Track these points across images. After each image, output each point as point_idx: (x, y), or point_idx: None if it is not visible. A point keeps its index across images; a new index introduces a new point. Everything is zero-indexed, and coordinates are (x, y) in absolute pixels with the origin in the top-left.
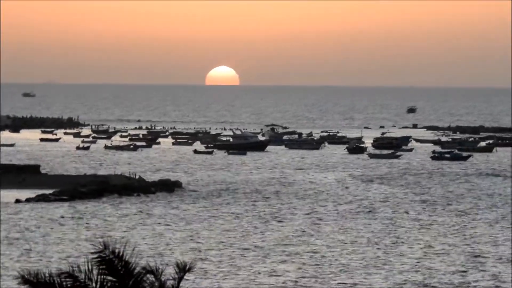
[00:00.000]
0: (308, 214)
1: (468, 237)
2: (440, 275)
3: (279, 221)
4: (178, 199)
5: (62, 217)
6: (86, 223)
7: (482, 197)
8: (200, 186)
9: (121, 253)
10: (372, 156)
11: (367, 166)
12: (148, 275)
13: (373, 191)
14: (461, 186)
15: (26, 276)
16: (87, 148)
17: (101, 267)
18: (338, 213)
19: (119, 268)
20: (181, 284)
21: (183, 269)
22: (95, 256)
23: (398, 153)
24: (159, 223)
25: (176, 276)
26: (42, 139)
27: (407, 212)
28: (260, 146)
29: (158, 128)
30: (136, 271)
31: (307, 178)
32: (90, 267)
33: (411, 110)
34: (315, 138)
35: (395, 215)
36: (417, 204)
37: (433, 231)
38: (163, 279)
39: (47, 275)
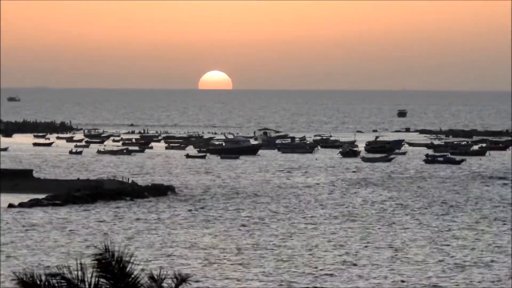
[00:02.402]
0: (299, 218)
1: (460, 240)
2: (429, 279)
3: (269, 225)
4: (171, 203)
5: (55, 221)
6: (79, 228)
7: (475, 200)
8: (193, 191)
9: (120, 257)
10: (365, 159)
11: (360, 170)
12: (152, 283)
13: (366, 195)
14: (454, 190)
15: (22, 278)
16: (80, 152)
17: (98, 269)
18: (328, 216)
19: (116, 272)
20: None
21: (180, 279)
22: (95, 257)
23: (391, 157)
24: (152, 228)
25: (173, 285)
26: (35, 144)
27: (400, 215)
28: (252, 150)
29: (151, 132)
30: (132, 276)
31: (299, 182)
32: (84, 269)
33: (402, 114)
34: (308, 142)
35: (387, 219)
36: (410, 208)
37: (425, 234)
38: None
39: (42, 277)
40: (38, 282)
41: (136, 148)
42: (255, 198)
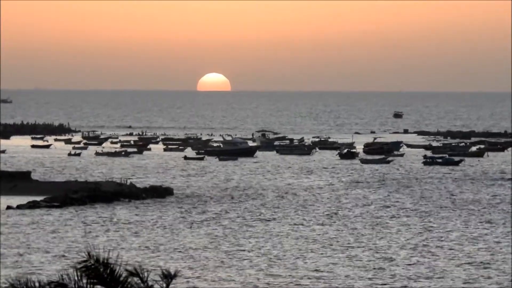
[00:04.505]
0: (295, 219)
1: (460, 240)
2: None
3: (264, 227)
4: (169, 205)
5: (53, 223)
6: (77, 230)
7: (473, 202)
8: (191, 192)
9: (106, 261)
10: (363, 161)
11: (358, 172)
12: (135, 279)
13: (364, 197)
14: (452, 191)
15: (15, 284)
16: (78, 154)
17: (87, 275)
18: (325, 217)
19: (105, 275)
20: None
21: (168, 276)
22: (80, 265)
23: (390, 158)
24: (150, 229)
25: (164, 285)
26: (33, 146)
27: (397, 217)
28: (249, 152)
29: (149, 134)
30: (122, 277)
31: (297, 184)
32: (79, 275)
33: (398, 115)
34: (306, 144)
35: (385, 221)
36: (408, 209)
37: (422, 236)
38: (150, 283)
39: (36, 283)
40: None
41: (134, 150)
42: (252, 200)
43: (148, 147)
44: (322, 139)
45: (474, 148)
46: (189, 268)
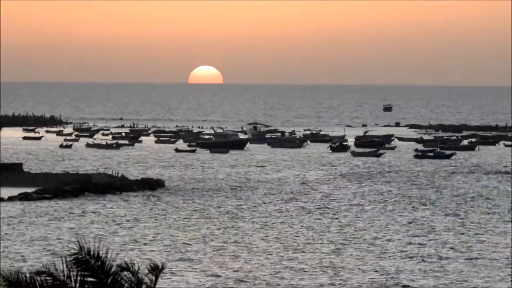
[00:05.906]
0: (284, 212)
1: (448, 234)
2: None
3: (253, 220)
4: (160, 197)
5: (44, 215)
6: (69, 222)
7: (463, 195)
8: (182, 185)
9: (97, 253)
10: (355, 154)
11: (350, 165)
12: (125, 273)
13: (355, 189)
14: (443, 184)
15: (7, 276)
16: (70, 146)
17: (79, 268)
18: (314, 210)
19: (96, 268)
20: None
21: (156, 269)
22: (71, 257)
23: (381, 152)
24: (141, 222)
25: (153, 277)
26: (24, 137)
27: (388, 210)
28: (239, 145)
29: (141, 126)
30: (113, 269)
31: (288, 176)
32: (69, 266)
33: (387, 109)
34: (298, 137)
35: (376, 213)
36: (398, 202)
37: (412, 229)
38: (140, 276)
39: (27, 274)
40: (23, 280)
41: (126, 142)
42: (242, 192)
43: (140, 139)
44: (313, 132)
45: (465, 142)
46: (179, 261)
